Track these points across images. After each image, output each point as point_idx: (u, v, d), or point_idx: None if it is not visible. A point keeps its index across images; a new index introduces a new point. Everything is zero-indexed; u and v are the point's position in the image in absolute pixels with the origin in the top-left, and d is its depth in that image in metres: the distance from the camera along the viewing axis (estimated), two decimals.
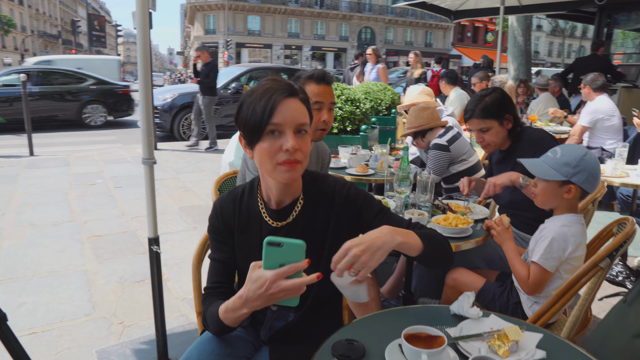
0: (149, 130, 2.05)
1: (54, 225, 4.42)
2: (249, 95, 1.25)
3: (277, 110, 1.20)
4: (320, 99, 1.99)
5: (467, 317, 1.30)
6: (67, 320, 2.79)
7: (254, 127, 1.21)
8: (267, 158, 1.22)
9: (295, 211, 1.36)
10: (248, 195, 1.41)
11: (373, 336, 1.23)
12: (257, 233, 1.37)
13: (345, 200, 1.39)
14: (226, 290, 1.39)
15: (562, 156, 1.72)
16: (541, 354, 1.12)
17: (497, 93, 2.29)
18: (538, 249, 1.73)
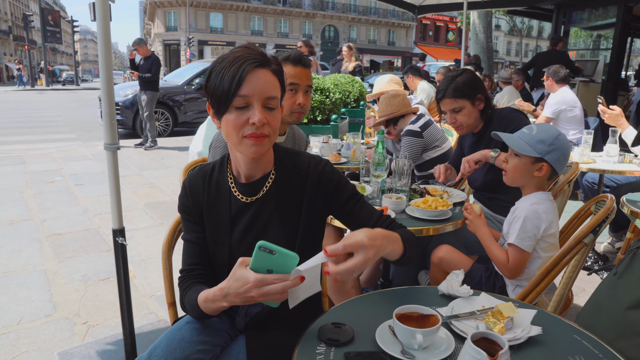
0: (112, 114, 1.93)
1: (10, 225, 4.16)
2: (218, 62, 1.18)
3: (246, 81, 1.14)
4: (296, 80, 1.93)
5: (457, 297, 1.26)
6: (25, 322, 2.61)
7: (221, 97, 1.15)
8: (233, 130, 1.17)
9: (266, 186, 1.30)
10: (218, 170, 1.35)
11: (360, 319, 1.17)
12: (227, 209, 1.30)
13: (319, 177, 1.33)
14: (203, 272, 1.32)
15: (537, 133, 1.72)
16: (537, 329, 1.09)
17: (468, 73, 2.29)
18: (512, 230, 1.72)
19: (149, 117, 7.91)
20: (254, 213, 1.29)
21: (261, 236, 1.26)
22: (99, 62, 1.93)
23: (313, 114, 4.28)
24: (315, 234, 1.37)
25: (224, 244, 1.30)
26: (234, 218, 1.30)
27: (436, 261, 2.01)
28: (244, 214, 1.30)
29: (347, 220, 1.39)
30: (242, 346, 1.28)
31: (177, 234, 1.54)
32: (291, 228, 1.30)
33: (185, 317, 1.34)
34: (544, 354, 1.04)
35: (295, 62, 1.94)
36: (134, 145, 8.18)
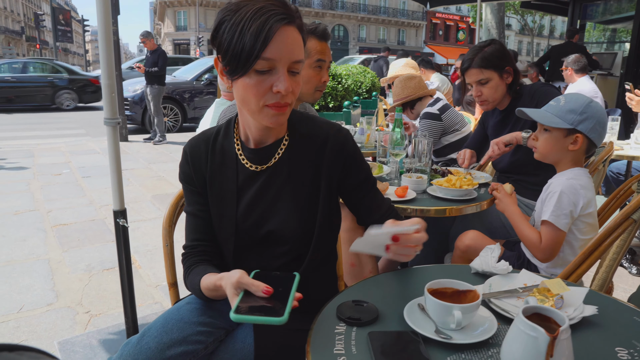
0: (112, 87, 1.81)
1: (15, 215, 4.07)
2: (232, 12, 0.98)
3: (273, 42, 0.95)
4: (323, 57, 1.83)
5: (494, 274, 1.11)
6: (26, 310, 2.51)
7: (239, 58, 0.97)
8: (253, 97, 1.00)
9: (279, 153, 1.14)
10: (224, 134, 1.19)
11: (384, 297, 1.04)
12: (233, 178, 1.15)
13: (341, 148, 1.17)
14: (207, 249, 1.18)
15: (566, 103, 1.55)
16: (592, 309, 0.94)
17: (497, 44, 2.12)
18: (547, 207, 1.55)
19: (157, 111, 7.81)
20: (264, 183, 1.14)
21: (270, 209, 1.14)
22: (98, 30, 1.80)
23: (325, 100, 4.14)
24: (332, 212, 1.21)
25: (229, 217, 1.15)
26: (240, 188, 1.15)
27: (463, 248, 1.84)
28: (252, 183, 1.15)
29: (354, 205, 1.25)
30: (249, 328, 1.14)
31: (178, 209, 1.41)
32: (305, 202, 1.15)
33: (187, 298, 1.21)
34: (602, 338, 0.89)
35: (322, 36, 1.83)
36: (143, 139, 8.09)
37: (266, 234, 1.14)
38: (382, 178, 2.07)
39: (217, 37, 1.02)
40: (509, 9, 26.39)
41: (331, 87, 4.23)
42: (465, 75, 2.17)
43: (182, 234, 1.35)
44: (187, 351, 1.03)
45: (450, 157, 2.81)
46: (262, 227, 1.14)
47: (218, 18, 1.02)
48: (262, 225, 1.14)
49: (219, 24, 1.01)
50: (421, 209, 1.71)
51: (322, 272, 1.27)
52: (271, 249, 1.16)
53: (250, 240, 1.15)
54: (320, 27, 1.83)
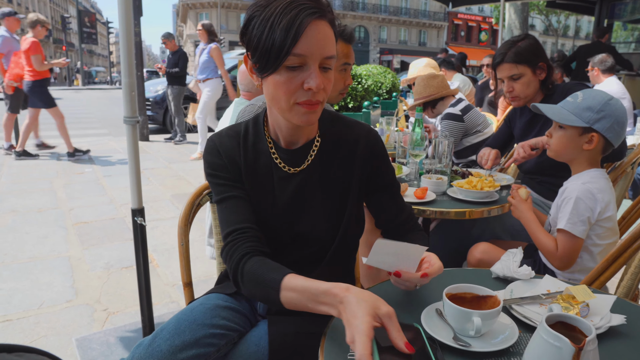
0: (131, 85, 1.81)
1: (38, 212, 4.15)
2: (262, 7, 0.96)
3: (304, 36, 0.93)
4: (349, 60, 1.82)
5: (516, 279, 1.07)
6: (45, 306, 2.54)
7: (270, 54, 0.94)
8: (284, 95, 0.98)
9: (311, 155, 1.12)
10: (253, 133, 1.15)
11: (401, 301, 1.00)
12: (269, 178, 1.12)
13: (372, 149, 1.16)
14: (251, 235, 1.06)
15: (583, 100, 1.48)
16: (619, 318, 0.89)
17: (531, 39, 2.05)
18: (562, 214, 1.49)
19: (177, 111, 7.90)
20: (298, 185, 1.12)
21: (302, 211, 1.12)
22: (119, 35, 1.81)
23: (344, 101, 4.11)
24: (360, 213, 1.20)
25: (262, 214, 1.11)
26: (275, 189, 1.13)
27: (474, 262, 1.79)
28: (287, 185, 1.13)
29: (376, 207, 1.22)
30: (264, 332, 1.11)
31: (195, 207, 1.39)
32: (335, 204, 1.13)
33: (201, 298, 1.19)
34: (631, 349, 0.85)
35: (349, 39, 1.81)
36: (163, 139, 8.18)
37: (295, 235, 1.12)
38: (402, 179, 2.03)
39: (247, 33, 1.00)
40: (533, 9, 25.96)
41: (351, 88, 4.20)
42: (497, 70, 2.09)
43: (198, 233, 1.34)
44: (199, 354, 1.01)
45: (471, 158, 2.75)
46: (293, 228, 1.12)
47: (248, 14, 1.00)
48: (293, 226, 1.12)
49: (249, 20, 0.99)
50: (441, 211, 1.67)
51: (341, 274, 1.25)
52: (299, 250, 1.14)
53: (279, 240, 1.13)
54: (347, 30, 1.79)
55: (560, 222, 1.48)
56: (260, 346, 1.09)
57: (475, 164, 2.73)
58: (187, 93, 8.69)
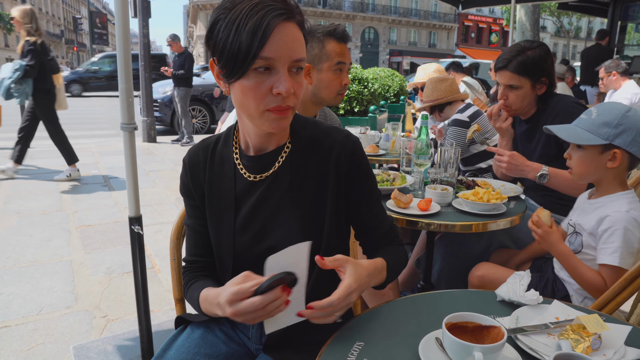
0: (129, 91, 1.77)
1: (43, 214, 4.14)
2: (227, 9, 0.91)
3: (271, 38, 0.88)
4: (343, 59, 1.76)
5: (522, 304, 1.01)
6: (45, 312, 2.51)
7: (236, 58, 0.89)
8: (253, 101, 0.93)
9: (279, 161, 1.06)
10: (223, 142, 1.12)
11: (399, 327, 0.95)
12: (231, 188, 1.08)
13: (348, 155, 1.07)
14: (206, 265, 1.14)
15: (598, 116, 1.39)
16: (635, 353, 0.83)
17: (543, 50, 1.95)
18: (608, 247, 1.35)
19: (184, 113, 7.90)
20: (263, 193, 1.06)
21: (271, 221, 1.05)
22: (116, 37, 1.77)
23: (350, 105, 4.05)
24: (341, 224, 1.12)
25: (227, 230, 1.08)
26: (238, 199, 1.08)
27: (476, 282, 1.71)
28: (250, 194, 1.07)
29: (353, 219, 1.14)
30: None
31: None
32: (310, 214, 1.05)
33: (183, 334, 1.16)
34: None
35: (341, 38, 1.76)
36: (170, 141, 8.18)
37: (267, 249, 1.04)
38: (406, 189, 1.97)
39: (212, 37, 0.94)
40: (544, 10, 25.67)
41: (357, 92, 4.14)
42: (497, 74, 2.03)
43: None
44: None
45: (479, 166, 2.68)
46: (263, 241, 1.05)
47: (213, 17, 0.95)
48: (263, 239, 1.06)
49: (214, 23, 0.94)
50: (445, 224, 1.61)
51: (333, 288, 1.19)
52: None
53: (250, 255, 1.06)
54: (339, 29, 1.75)
55: (610, 258, 1.34)
56: None
57: (482, 172, 2.66)
58: (194, 94, 8.69)
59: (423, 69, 3.43)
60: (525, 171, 1.86)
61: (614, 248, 1.33)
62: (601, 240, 1.38)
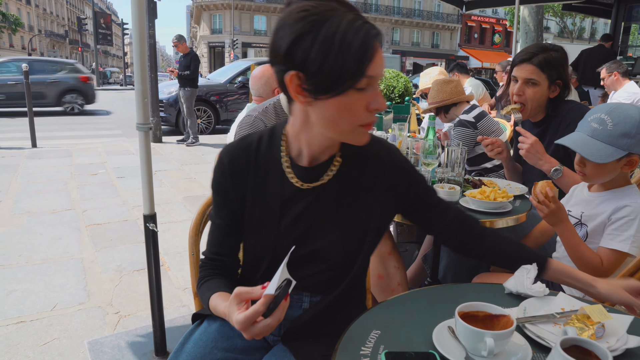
0: (144, 92, 1.82)
1: (52, 213, 4.20)
2: (316, 23, 0.88)
3: (375, 58, 0.91)
4: None
5: (529, 296, 1.05)
6: (58, 309, 2.57)
7: (339, 77, 0.89)
8: (349, 117, 0.95)
9: (332, 170, 1.08)
10: (267, 146, 1.11)
11: (412, 318, 0.99)
12: (278, 193, 1.09)
13: (396, 165, 1.13)
14: (225, 265, 1.15)
15: (615, 127, 1.39)
16: (637, 340, 0.87)
17: (563, 54, 1.98)
18: (620, 234, 1.39)
19: (189, 113, 7.96)
20: (311, 201, 1.09)
21: (315, 227, 1.09)
22: (132, 36, 1.83)
23: None
24: (380, 235, 1.16)
25: (269, 232, 1.09)
26: (285, 204, 1.09)
27: None
28: (298, 200, 1.09)
29: (420, 218, 1.20)
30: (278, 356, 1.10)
31: (205, 217, 1.40)
32: (354, 222, 1.09)
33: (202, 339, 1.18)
34: None
35: None
36: (176, 141, 8.24)
37: (308, 253, 1.08)
38: None
39: (297, 51, 0.90)
40: (548, 11, 25.69)
41: None
42: (516, 67, 2.00)
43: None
44: None
45: (484, 166, 2.72)
46: (305, 244, 1.08)
47: (296, 30, 0.90)
48: (305, 242, 1.08)
49: (298, 37, 0.89)
50: None
51: (357, 288, 1.23)
52: (308, 266, 1.10)
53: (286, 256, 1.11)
54: None
55: (621, 245, 1.38)
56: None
57: (488, 171, 2.71)
58: (200, 95, 8.75)
59: (427, 74, 3.47)
60: (542, 161, 1.85)
61: (626, 236, 1.37)
62: (613, 226, 1.42)
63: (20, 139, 8.04)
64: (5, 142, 7.64)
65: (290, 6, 0.93)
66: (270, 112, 1.86)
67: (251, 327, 0.85)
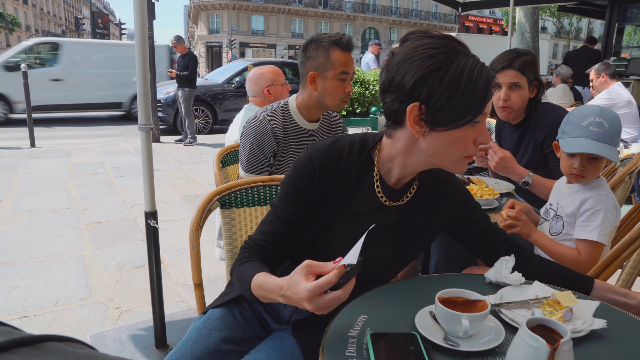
0: (146, 94, 1.90)
1: (52, 212, 4.27)
2: (445, 62, 0.96)
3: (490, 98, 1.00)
4: (347, 69, 1.87)
5: (507, 285, 1.13)
6: (61, 304, 2.64)
7: (463, 113, 0.97)
8: (460, 149, 1.03)
9: (410, 193, 1.18)
10: (356, 157, 1.15)
11: (398, 305, 1.07)
12: (363, 205, 1.15)
13: (458, 193, 1.23)
14: (270, 254, 1.17)
15: (611, 127, 1.48)
16: (601, 323, 0.95)
17: (534, 56, 2.09)
18: (589, 224, 1.49)
19: (187, 113, 8.02)
20: (385, 217, 1.17)
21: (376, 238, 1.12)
22: (135, 36, 1.90)
23: (352, 106, 4.18)
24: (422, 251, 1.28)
25: (342, 238, 1.14)
26: (367, 215, 1.16)
27: None
28: (377, 215, 1.16)
29: (468, 242, 1.28)
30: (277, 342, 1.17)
31: (205, 213, 1.47)
32: (410, 242, 1.18)
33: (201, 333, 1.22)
34: (610, 351, 0.91)
35: (346, 47, 1.85)
36: (174, 141, 8.31)
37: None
38: None
39: (424, 86, 0.97)
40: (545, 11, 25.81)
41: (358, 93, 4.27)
42: (498, 74, 2.08)
43: (207, 234, 1.42)
44: None
45: (474, 165, 2.80)
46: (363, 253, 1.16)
47: (426, 67, 0.97)
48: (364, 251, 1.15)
49: (428, 74, 0.97)
50: None
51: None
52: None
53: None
54: (344, 38, 1.84)
55: (590, 234, 1.48)
56: (295, 357, 1.14)
57: (478, 170, 2.79)
58: (197, 95, 8.82)
59: None
60: (510, 174, 1.98)
61: (594, 226, 1.48)
62: (582, 218, 1.52)
63: (19, 138, 8.10)
64: (4, 142, 7.70)
65: (412, 42, 1.01)
66: (278, 115, 1.93)
67: (318, 297, 0.87)
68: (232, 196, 1.53)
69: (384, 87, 1.05)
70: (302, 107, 1.95)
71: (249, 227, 1.57)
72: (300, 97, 1.94)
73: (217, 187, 1.53)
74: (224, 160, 2.17)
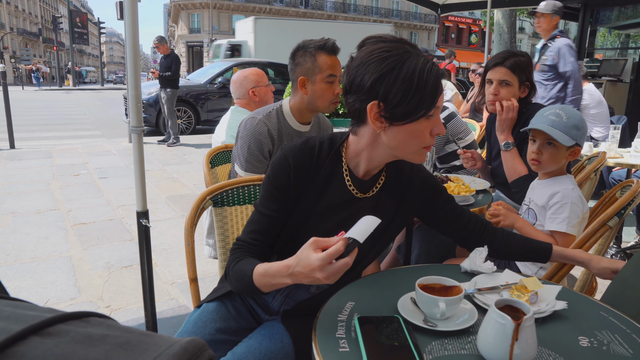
0: (138, 97, 1.96)
1: (37, 214, 4.27)
2: (396, 64, 1.06)
3: (441, 92, 1.11)
4: (334, 72, 1.94)
5: (480, 272, 1.24)
6: (50, 304, 2.68)
7: (416, 109, 1.08)
8: (418, 141, 1.13)
9: (378, 184, 1.28)
10: (326, 153, 1.25)
11: (381, 293, 1.17)
12: (335, 199, 1.24)
13: (422, 181, 1.33)
14: (262, 251, 1.24)
15: (569, 119, 1.63)
16: (562, 304, 1.07)
17: (529, 58, 2.20)
18: (559, 217, 1.62)
19: (170, 114, 8.03)
20: (359, 208, 1.26)
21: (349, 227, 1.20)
22: (126, 46, 1.96)
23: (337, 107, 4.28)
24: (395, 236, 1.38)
25: (318, 230, 1.19)
26: (340, 208, 1.25)
27: None
28: (351, 206, 1.26)
29: (438, 223, 1.38)
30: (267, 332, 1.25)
31: (199, 211, 1.55)
32: (380, 227, 1.21)
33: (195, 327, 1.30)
34: (569, 328, 1.02)
35: (332, 51, 1.93)
36: (157, 141, 8.30)
37: None
38: None
39: (381, 86, 1.07)
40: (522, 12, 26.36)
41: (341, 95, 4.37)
42: (490, 71, 2.21)
43: (196, 233, 1.50)
44: None
45: (453, 164, 2.93)
46: None
47: (381, 68, 1.07)
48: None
49: (381, 77, 1.07)
50: None
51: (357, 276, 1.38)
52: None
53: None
54: (329, 42, 1.93)
55: (559, 226, 1.61)
56: (284, 342, 1.22)
57: (457, 169, 2.92)
58: (180, 95, 8.82)
59: None
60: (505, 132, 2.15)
61: (562, 218, 1.61)
62: (550, 210, 1.65)
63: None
64: None
65: (368, 46, 1.12)
66: (273, 117, 2.02)
67: (329, 265, 0.93)
68: (224, 195, 1.62)
69: (346, 89, 1.16)
70: (295, 110, 2.04)
71: (240, 225, 1.66)
72: (293, 101, 2.03)
73: (208, 187, 1.61)
74: (213, 161, 2.24)
